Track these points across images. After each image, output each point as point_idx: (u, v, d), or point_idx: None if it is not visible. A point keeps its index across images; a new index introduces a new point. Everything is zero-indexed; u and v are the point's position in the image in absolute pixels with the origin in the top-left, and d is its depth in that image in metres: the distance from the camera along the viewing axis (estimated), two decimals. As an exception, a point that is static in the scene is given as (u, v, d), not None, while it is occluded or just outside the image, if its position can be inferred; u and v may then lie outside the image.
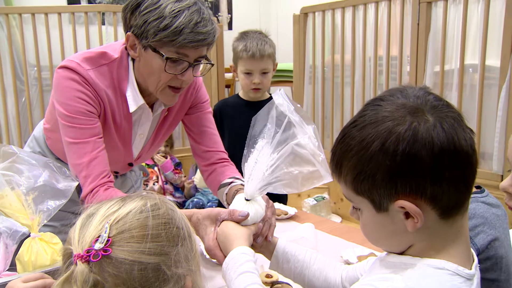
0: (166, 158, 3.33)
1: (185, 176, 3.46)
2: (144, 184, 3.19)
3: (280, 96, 0.96)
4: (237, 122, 1.92)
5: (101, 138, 1.22)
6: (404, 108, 0.65)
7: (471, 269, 0.69)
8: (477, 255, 1.09)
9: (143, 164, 1.77)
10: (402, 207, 0.65)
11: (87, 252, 0.62)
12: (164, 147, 3.33)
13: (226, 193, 1.28)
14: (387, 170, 0.64)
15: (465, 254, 0.70)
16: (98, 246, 0.62)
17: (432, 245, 0.68)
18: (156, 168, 3.31)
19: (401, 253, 0.71)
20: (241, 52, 1.85)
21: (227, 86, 4.07)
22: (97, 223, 0.65)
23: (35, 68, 3.25)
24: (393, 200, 0.65)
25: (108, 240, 0.63)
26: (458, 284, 0.66)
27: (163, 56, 1.14)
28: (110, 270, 0.62)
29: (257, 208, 1.00)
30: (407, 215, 0.66)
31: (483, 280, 1.10)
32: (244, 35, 1.89)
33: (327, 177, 0.92)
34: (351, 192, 0.70)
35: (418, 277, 0.66)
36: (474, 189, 1.20)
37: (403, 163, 0.63)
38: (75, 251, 0.63)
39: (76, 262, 0.62)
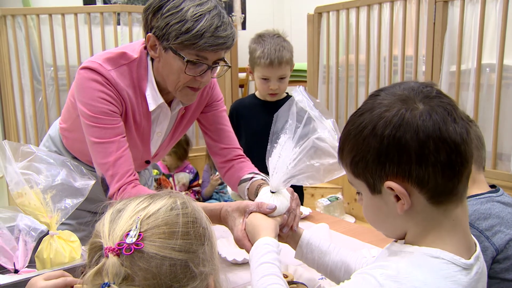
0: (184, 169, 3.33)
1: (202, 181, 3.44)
2: (158, 184, 3.21)
3: (300, 93, 1.01)
4: (253, 122, 1.90)
5: (124, 137, 1.24)
6: (396, 97, 0.70)
7: (469, 259, 0.70)
8: (496, 255, 1.08)
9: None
10: (391, 189, 0.68)
11: (119, 246, 0.62)
12: (176, 151, 3.23)
13: (248, 188, 1.31)
14: (376, 152, 0.69)
15: (463, 245, 0.71)
16: (130, 240, 0.63)
17: (426, 231, 0.70)
18: (171, 179, 3.32)
19: (404, 243, 0.73)
20: (258, 58, 1.79)
21: (241, 86, 4.08)
22: (127, 218, 0.66)
23: (52, 68, 3.29)
24: (383, 182, 0.69)
25: (139, 235, 0.63)
26: (453, 273, 0.67)
27: (183, 58, 1.16)
28: (141, 264, 0.62)
29: (282, 200, 1.04)
30: (398, 197, 0.69)
31: (502, 280, 1.08)
32: (261, 39, 1.82)
33: None
34: (351, 175, 0.74)
35: (412, 265, 0.68)
36: (489, 188, 1.19)
37: (390, 146, 0.67)
38: (105, 244, 0.64)
39: (108, 255, 0.62)
